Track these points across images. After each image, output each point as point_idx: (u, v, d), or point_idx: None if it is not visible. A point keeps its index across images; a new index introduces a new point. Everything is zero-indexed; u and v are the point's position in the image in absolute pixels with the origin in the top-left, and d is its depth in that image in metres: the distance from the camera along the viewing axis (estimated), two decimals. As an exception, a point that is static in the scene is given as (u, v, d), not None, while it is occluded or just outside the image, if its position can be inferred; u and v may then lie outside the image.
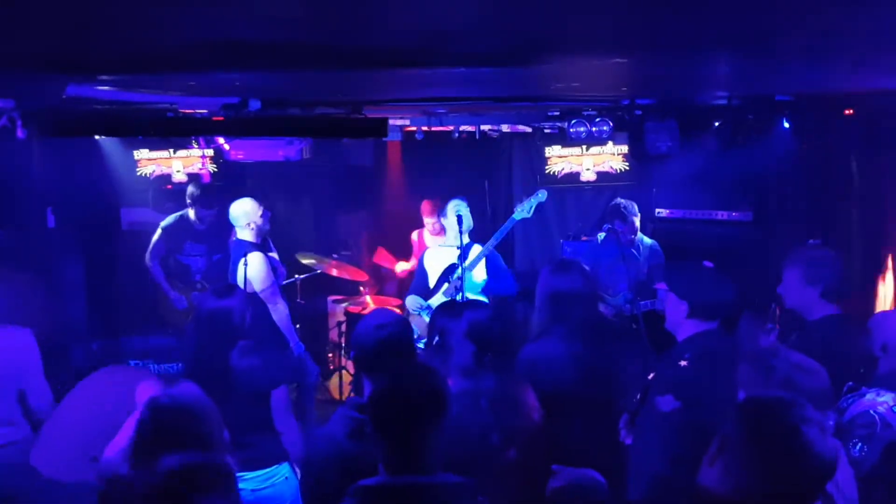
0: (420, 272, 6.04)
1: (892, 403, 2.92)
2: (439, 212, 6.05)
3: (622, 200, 6.36)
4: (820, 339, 3.72)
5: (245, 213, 5.62)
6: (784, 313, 4.06)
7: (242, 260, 5.44)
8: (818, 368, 2.63)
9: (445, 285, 5.81)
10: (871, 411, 2.90)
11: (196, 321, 4.03)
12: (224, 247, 6.19)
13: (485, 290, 5.76)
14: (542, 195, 5.90)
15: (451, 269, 5.82)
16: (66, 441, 3.54)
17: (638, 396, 3.45)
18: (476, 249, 5.80)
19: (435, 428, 2.27)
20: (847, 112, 5.62)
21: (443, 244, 6.03)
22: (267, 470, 3.79)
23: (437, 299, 5.80)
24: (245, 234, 5.61)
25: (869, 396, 2.98)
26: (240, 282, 5.50)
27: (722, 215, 7.02)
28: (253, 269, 5.40)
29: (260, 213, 5.66)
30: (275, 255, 5.88)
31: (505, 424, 2.92)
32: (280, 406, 3.88)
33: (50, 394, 4.11)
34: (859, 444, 2.87)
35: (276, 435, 3.85)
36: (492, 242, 5.73)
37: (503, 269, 5.88)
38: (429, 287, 5.93)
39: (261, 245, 5.65)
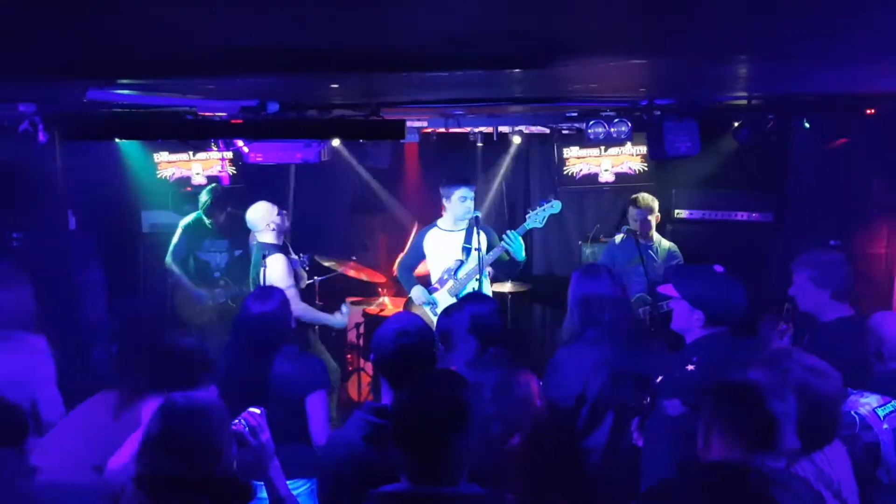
0: (414, 250, 6.01)
1: (875, 405, 2.93)
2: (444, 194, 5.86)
3: (642, 192, 6.40)
4: (831, 340, 3.70)
5: (262, 217, 5.63)
6: (798, 315, 4.03)
7: (263, 261, 5.45)
8: (832, 371, 2.62)
9: (451, 283, 5.74)
10: (853, 412, 2.91)
11: (235, 325, 3.96)
12: (244, 243, 6.21)
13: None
14: (556, 206, 5.74)
15: (457, 264, 5.77)
16: (71, 449, 3.52)
17: (647, 399, 3.44)
18: (481, 238, 5.71)
19: (459, 439, 2.21)
20: (869, 112, 5.57)
21: (443, 227, 5.93)
22: (292, 482, 3.64)
23: (442, 294, 5.77)
24: (266, 236, 5.61)
25: (852, 398, 2.98)
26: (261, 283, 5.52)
27: (742, 216, 6.97)
28: (274, 271, 5.39)
29: (276, 212, 5.67)
30: (296, 258, 5.90)
31: (507, 414, 2.91)
32: (316, 415, 3.76)
33: (61, 405, 3.91)
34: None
35: (310, 447, 3.74)
36: (497, 251, 5.61)
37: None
38: (415, 265, 5.98)
39: (282, 247, 5.66)
